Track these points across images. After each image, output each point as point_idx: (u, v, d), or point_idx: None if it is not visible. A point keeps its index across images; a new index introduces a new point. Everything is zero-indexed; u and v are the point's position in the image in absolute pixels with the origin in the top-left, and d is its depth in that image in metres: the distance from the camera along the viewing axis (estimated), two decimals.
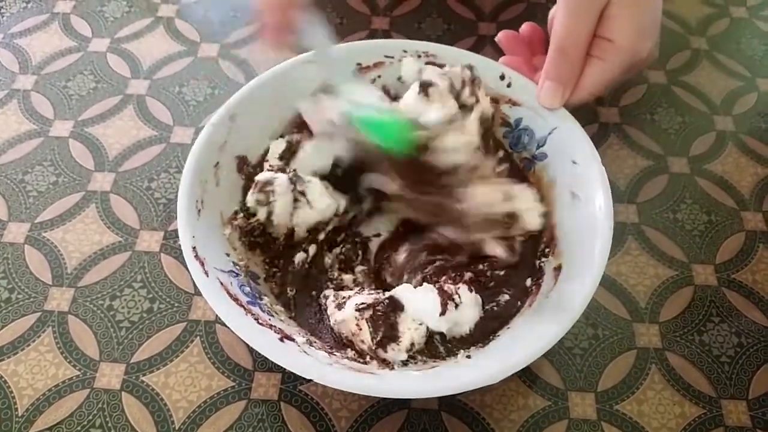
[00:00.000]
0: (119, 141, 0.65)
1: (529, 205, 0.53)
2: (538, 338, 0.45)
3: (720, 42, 0.75)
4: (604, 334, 0.54)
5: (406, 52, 0.59)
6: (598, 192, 0.51)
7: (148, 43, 0.73)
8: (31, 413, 0.50)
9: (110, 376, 0.52)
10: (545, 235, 0.54)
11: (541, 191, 0.56)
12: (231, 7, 0.76)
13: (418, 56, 0.59)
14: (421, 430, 0.50)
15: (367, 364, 0.47)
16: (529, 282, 0.53)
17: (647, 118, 0.68)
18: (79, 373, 0.52)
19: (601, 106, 0.68)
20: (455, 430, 0.50)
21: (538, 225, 0.53)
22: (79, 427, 0.50)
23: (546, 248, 0.53)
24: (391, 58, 0.59)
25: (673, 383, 0.52)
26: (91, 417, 0.50)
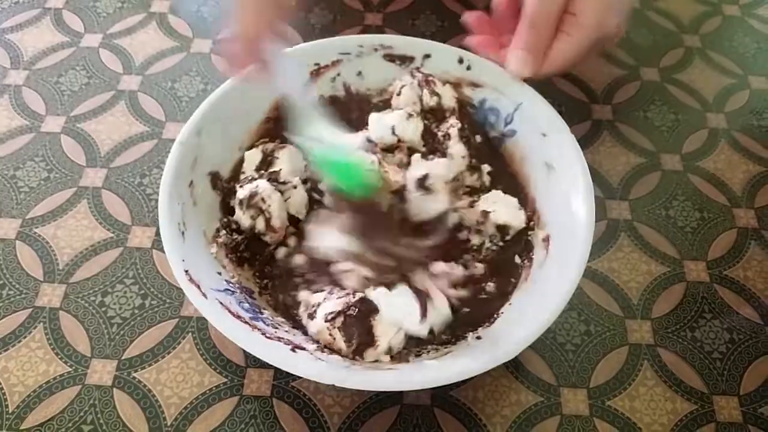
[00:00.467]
0: (111, 137, 0.65)
1: (508, 210, 0.54)
2: (543, 309, 0.45)
3: (713, 40, 0.75)
4: (597, 330, 0.54)
5: (362, 47, 0.59)
6: (573, 159, 0.52)
7: (141, 39, 0.73)
8: (22, 410, 0.50)
9: (102, 372, 0.52)
10: (527, 210, 0.55)
11: (514, 167, 0.57)
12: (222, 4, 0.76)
13: (375, 49, 0.59)
14: (414, 425, 0.50)
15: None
16: (517, 259, 0.53)
17: (640, 115, 0.68)
18: (70, 369, 0.52)
19: (595, 104, 0.68)
20: (447, 426, 0.50)
21: (521, 222, 0.54)
22: (71, 424, 0.49)
23: (530, 222, 0.54)
24: (348, 54, 0.59)
25: (665, 379, 0.52)
26: (82, 413, 0.50)
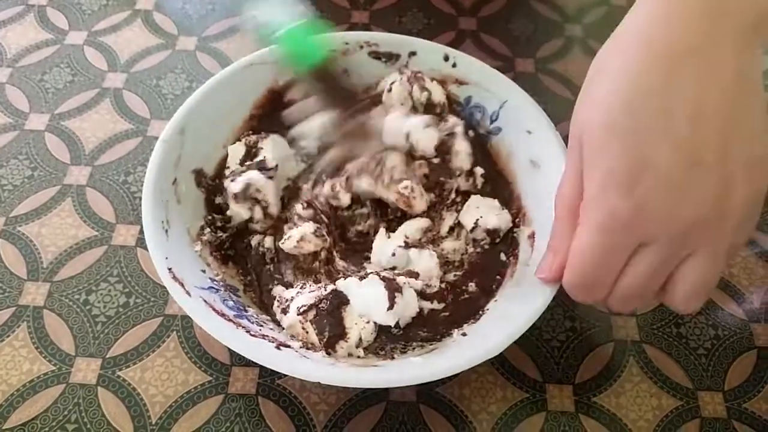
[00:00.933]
0: (96, 134, 0.64)
1: (494, 213, 0.55)
2: (528, 305, 0.46)
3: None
4: (582, 327, 0.54)
5: (347, 44, 0.59)
6: (558, 157, 0.52)
7: (126, 36, 0.73)
8: (5, 409, 0.49)
9: (86, 371, 0.51)
10: (513, 207, 0.55)
11: (501, 164, 0.57)
12: None
13: (360, 47, 0.59)
14: (400, 422, 0.50)
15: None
16: (503, 256, 0.54)
17: None
18: (54, 368, 0.51)
19: None
20: (433, 423, 0.50)
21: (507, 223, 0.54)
22: (54, 423, 0.49)
23: (516, 219, 0.55)
24: (334, 51, 0.59)
25: (651, 375, 0.52)
26: (66, 412, 0.49)
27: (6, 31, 0.72)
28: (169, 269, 0.46)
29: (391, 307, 0.48)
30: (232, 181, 0.54)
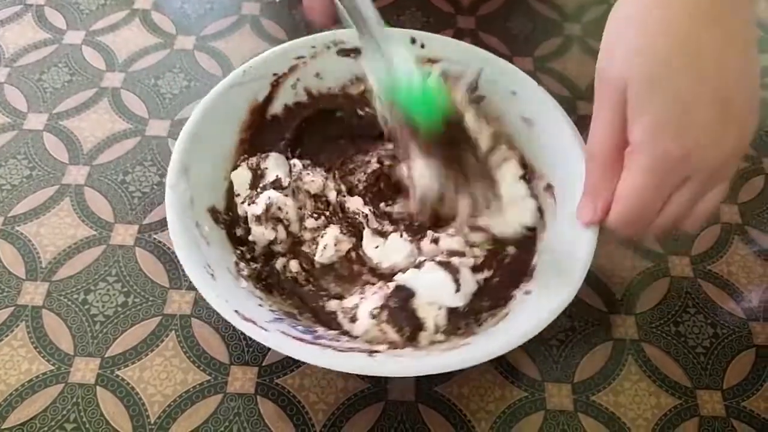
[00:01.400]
0: (94, 134, 0.64)
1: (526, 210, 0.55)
2: (576, 246, 0.47)
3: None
4: (581, 326, 0.54)
5: (314, 47, 0.58)
6: (551, 109, 0.53)
7: (124, 36, 0.72)
8: (4, 409, 0.49)
9: (85, 370, 0.51)
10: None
11: (492, 129, 0.57)
12: None
13: (327, 47, 0.58)
14: (398, 421, 0.50)
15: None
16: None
17: None
18: (53, 367, 0.51)
19: (580, 100, 0.68)
20: (432, 422, 0.50)
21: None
22: (53, 423, 0.49)
23: (526, 175, 0.55)
24: (303, 57, 0.58)
25: (650, 374, 0.52)
26: (65, 412, 0.49)
27: (4, 31, 0.72)
28: (236, 311, 0.44)
29: (458, 289, 0.49)
30: (252, 203, 0.53)
